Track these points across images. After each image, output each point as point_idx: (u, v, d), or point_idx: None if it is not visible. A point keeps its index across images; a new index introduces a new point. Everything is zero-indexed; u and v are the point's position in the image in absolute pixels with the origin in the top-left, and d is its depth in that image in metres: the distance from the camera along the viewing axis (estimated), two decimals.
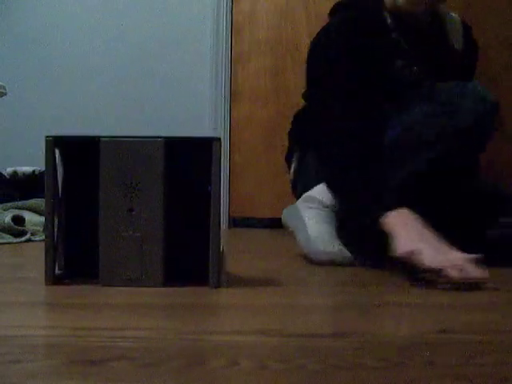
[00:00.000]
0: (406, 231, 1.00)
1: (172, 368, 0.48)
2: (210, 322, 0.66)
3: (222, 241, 0.90)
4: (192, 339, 0.58)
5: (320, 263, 1.20)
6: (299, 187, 1.43)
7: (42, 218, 1.69)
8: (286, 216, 1.37)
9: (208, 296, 0.82)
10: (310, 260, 1.23)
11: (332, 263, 1.20)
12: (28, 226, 1.70)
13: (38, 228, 1.71)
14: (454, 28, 1.40)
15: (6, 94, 2.05)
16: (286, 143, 1.50)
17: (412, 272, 0.99)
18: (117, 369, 0.47)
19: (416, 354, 0.53)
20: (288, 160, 1.48)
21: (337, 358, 0.51)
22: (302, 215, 1.29)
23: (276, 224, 2.72)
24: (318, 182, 1.31)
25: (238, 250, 1.54)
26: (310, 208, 1.29)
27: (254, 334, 0.60)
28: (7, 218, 1.63)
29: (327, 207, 1.27)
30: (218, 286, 0.87)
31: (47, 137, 0.88)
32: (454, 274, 0.91)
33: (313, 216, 1.27)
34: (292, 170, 1.46)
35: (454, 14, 1.43)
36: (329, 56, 1.26)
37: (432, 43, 1.34)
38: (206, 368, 0.48)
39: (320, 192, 1.28)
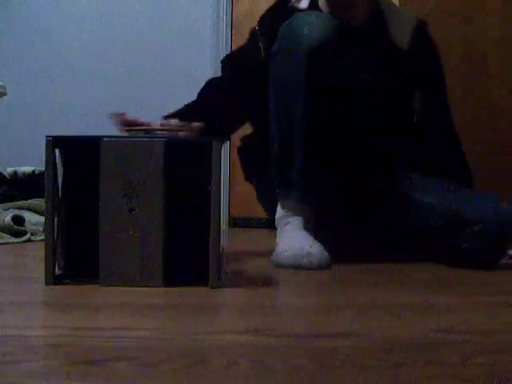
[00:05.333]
0: None
1: (172, 368, 0.47)
2: (210, 322, 0.67)
3: (222, 241, 0.90)
4: (192, 339, 0.57)
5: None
6: (267, 207, 1.39)
7: (42, 218, 1.68)
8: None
9: (208, 296, 0.82)
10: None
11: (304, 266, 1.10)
12: (28, 226, 1.70)
13: (38, 228, 1.71)
14: (400, 24, 1.32)
15: (6, 94, 2.05)
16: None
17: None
18: (117, 369, 0.47)
19: (415, 354, 0.53)
20: (249, 180, 1.44)
21: (337, 358, 0.51)
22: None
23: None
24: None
25: (237, 250, 1.54)
26: (281, 231, 1.19)
27: (254, 334, 0.60)
28: (7, 218, 1.63)
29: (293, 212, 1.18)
30: (217, 286, 0.87)
31: (47, 137, 0.87)
32: None
33: (282, 235, 1.18)
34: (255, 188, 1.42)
35: (406, 11, 1.36)
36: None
37: (369, 42, 1.29)
38: (206, 368, 0.48)
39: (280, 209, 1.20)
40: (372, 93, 1.27)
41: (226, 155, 2.71)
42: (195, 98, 1.36)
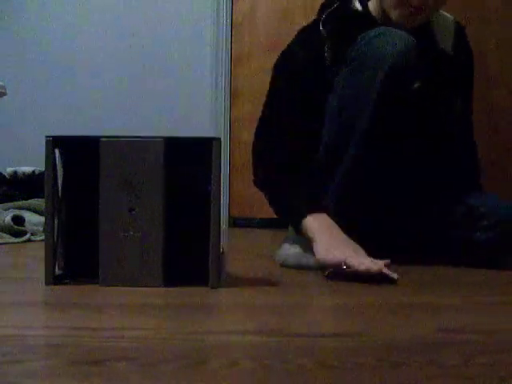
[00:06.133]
0: (326, 238, 1.04)
1: (172, 368, 0.47)
2: (209, 322, 0.66)
3: (222, 241, 0.90)
4: (192, 339, 0.57)
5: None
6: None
7: (42, 218, 1.68)
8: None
9: (208, 296, 0.82)
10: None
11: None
12: (28, 226, 1.70)
13: (38, 228, 1.71)
14: (444, 28, 1.31)
15: (6, 94, 2.05)
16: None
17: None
18: (117, 369, 0.47)
19: (416, 354, 0.53)
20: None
21: (337, 358, 0.51)
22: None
23: (276, 224, 2.72)
24: None
25: (238, 250, 1.54)
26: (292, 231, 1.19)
27: (254, 334, 0.60)
28: (7, 218, 1.63)
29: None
30: (217, 286, 0.87)
31: (47, 137, 0.87)
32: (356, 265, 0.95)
33: (291, 234, 1.19)
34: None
35: (445, 13, 1.33)
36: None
37: (420, 48, 1.24)
38: (206, 368, 0.48)
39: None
40: (423, 100, 1.26)
41: (226, 155, 2.71)
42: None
